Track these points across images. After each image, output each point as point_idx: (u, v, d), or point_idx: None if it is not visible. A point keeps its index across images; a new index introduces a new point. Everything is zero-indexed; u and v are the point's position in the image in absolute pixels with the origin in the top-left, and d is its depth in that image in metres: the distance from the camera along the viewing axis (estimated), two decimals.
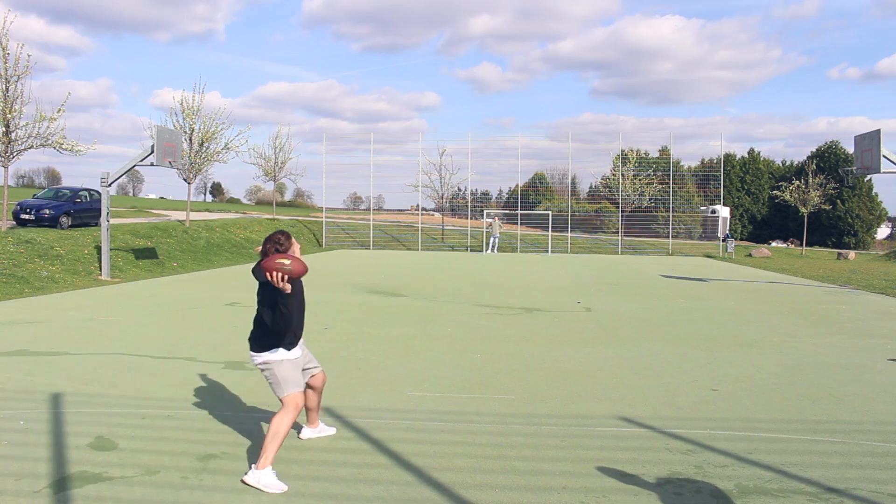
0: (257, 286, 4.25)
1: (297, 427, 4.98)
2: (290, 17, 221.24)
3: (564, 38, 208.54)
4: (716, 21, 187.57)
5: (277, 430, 4.06)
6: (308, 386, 4.63)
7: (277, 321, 4.14)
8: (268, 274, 3.99)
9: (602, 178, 43.65)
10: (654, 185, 37.24)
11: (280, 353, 4.24)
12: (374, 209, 43.41)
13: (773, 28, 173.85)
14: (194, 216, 30.18)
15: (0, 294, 12.57)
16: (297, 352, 4.37)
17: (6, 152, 18.00)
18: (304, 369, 4.50)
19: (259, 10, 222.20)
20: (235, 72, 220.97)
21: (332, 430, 5.01)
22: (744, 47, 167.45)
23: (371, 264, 23.51)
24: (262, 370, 4.28)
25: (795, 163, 65.60)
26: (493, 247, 33.46)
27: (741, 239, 58.82)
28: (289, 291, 4.06)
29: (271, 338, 4.21)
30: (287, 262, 4.01)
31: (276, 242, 4.16)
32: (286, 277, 3.99)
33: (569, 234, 37.22)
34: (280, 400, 4.24)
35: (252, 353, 4.30)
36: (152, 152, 16.39)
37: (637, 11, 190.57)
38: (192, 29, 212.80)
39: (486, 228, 36.36)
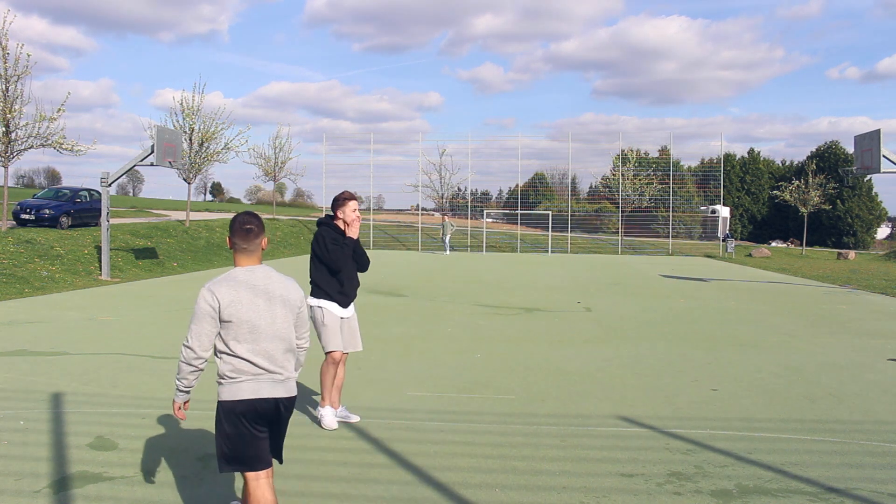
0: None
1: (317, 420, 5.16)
2: (292, 17, 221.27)
3: (567, 39, 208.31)
4: (720, 21, 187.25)
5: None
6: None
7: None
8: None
9: (602, 178, 43.72)
10: (654, 184, 37.27)
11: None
12: (374, 209, 43.40)
13: (776, 28, 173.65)
14: (194, 216, 30.15)
15: (0, 294, 12.57)
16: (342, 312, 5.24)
17: (6, 152, 17.99)
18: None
19: (262, 10, 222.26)
20: (238, 72, 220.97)
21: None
22: (747, 47, 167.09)
23: (371, 264, 23.49)
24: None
25: (795, 163, 65.57)
26: (447, 248, 32.43)
27: (741, 239, 58.81)
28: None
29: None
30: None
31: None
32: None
33: (569, 234, 37.23)
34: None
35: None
36: (152, 152, 16.39)
37: (641, 11, 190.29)
38: (196, 29, 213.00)
39: (438, 225, 35.80)
